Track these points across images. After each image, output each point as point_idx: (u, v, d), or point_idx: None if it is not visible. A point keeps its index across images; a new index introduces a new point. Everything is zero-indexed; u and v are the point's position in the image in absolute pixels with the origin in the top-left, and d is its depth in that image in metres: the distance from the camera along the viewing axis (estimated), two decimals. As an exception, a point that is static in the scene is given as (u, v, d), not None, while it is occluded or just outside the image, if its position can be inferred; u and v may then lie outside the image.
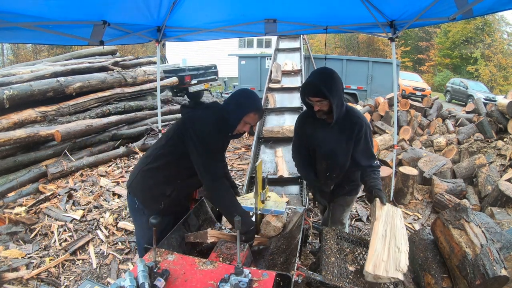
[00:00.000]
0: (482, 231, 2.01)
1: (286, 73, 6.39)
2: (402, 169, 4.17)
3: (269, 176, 3.43)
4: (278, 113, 5.00)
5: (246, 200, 2.14)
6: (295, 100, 5.33)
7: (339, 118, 1.92)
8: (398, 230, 1.65)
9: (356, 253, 1.84)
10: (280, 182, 3.52)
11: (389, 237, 1.59)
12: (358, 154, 2.05)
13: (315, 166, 2.25)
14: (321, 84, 1.83)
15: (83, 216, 3.59)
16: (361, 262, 1.76)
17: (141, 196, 1.84)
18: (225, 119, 1.77)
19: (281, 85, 5.97)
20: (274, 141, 4.25)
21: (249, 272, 1.21)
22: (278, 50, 7.97)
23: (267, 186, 2.17)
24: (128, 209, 2.24)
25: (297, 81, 6.11)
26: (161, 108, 5.47)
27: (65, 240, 3.20)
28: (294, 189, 3.44)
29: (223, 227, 2.18)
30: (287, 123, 4.57)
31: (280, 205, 2.09)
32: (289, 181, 3.53)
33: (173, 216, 1.91)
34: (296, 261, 1.49)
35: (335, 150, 2.06)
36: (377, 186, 2.00)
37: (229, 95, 1.89)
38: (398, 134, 5.63)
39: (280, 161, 3.77)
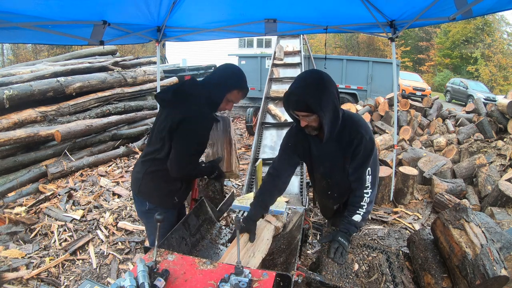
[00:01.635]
0: (482, 231, 2.01)
1: (287, 53, 7.74)
2: (402, 169, 4.17)
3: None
4: (281, 82, 6.49)
5: (246, 200, 2.14)
6: (295, 73, 6.65)
7: (333, 133, 1.56)
8: (262, 241, 1.74)
9: (357, 253, 1.84)
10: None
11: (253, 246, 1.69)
12: (351, 174, 1.70)
13: (314, 184, 1.99)
14: (306, 96, 1.44)
15: (83, 216, 3.59)
16: (361, 262, 1.76)
17: (155, 196, 1.86)
18: (209, 99, 1.74)
19: (283, 61, 7.32)
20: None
21: (249, 272, 1.21)
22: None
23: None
24: (137, 214, 2.21)
25: (297, 59, 7.44)
26: (161, 108, 5.46)
27: (65, 240, 3.20)
28: (294, 189, 3.44)
29: (223, 227, 2.18)
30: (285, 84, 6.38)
31: (280, 205, 2.09)
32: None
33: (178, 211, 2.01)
34: (296, 261, 1.49)
35: (332, 168, 1.75)
36: (338, 233, 1.71)
37: (214, 70, 1.82)
38: (398, 134, 5.64)
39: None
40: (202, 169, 1.91)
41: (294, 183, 3.46)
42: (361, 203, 1.71)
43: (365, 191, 1.70)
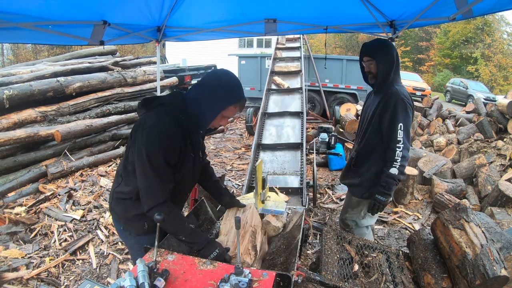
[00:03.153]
0: (482, 231, 2.01)
1: (289, 40, 9.21)
2: (402, 169, 4.17)
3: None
4: (284, 61, 7.97)
5: (246, 200, 2.14)
6: (295, 54, 8.26)
7: (380, 83, 1.99)
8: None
9: (358, 252, 1.84)
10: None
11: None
12: (384, 128, 1.97)
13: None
14: (371, 45, 2.00)
15: (83, 216, 3.59)
16: (360, 262, 1.76)
17: (123, 219, 1.61)
18: (190, 116, 1.43)
19: (285, 45, 8.77)
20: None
21: (249, 272, 1.21)
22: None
23: (267, 185, 2.17)
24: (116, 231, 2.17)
25: (297, 44, 8.71)
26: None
27: (65, 240, 3.20)
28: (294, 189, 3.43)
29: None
30: (289, 64, 7.66)
31: (280, 205, 2.09)
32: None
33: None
34: (296, 261, 1.49)
35: (363, 117, 2.14)
36: (376, 190, 1.99)
37: (200, 79, 1.49)
38: (398, 134, 5.62)
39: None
40: (186, 228, 1.46)
41: (294, 183, 3.46)
42: (395, 157, 1.91)
43: (397, 145, 1.90)
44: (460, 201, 3.77)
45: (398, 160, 1.91)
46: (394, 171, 1.92)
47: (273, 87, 6.37)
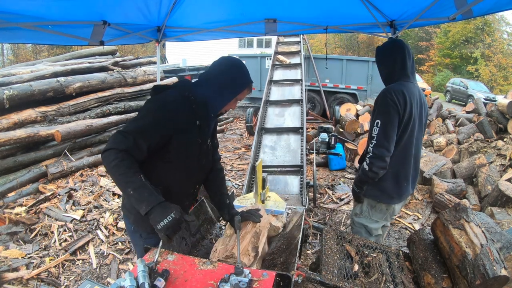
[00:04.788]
0: (482, 231, 2.00)
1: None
2: (402, 169, 4.17)
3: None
4: (285, 43, 9.08)
5: (246, 200, 2.14)
6: (295, 39, 9.18)
7: (384, 84, 1.98)
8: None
9: (358, 252, 1.84)
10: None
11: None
12: None
13: None
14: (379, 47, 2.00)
15: (83, 216, 3.59)
16: (360, 262, 1.76)
17: (133, 215, 1.53)
18: (200, 98, 1.43)
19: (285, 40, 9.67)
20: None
21: (249, 272, 1.21)
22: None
23: (268, 185, 2.17)
24: (126, 231, 2.09)
25: (298, 39, 9.28)
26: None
27: (65, 240, 3.20)
28: (294, 189, 3.44)
29: (223, 227, 2.18)
30: (290, 46, 8.95)
31: (280, 205, 2.09)
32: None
33: None
34: (296, 261, 1.49)
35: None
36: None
37: (209, 67, 1.50)
38: (398, 134, 5.63)
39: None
40: (137, 181, 1.21)
41: (294, 183, 3.46)
42: (367, 153, 1.92)
43: (371, 141, 1.87)
44: (460, 201, 3.77)
45: (368, 156, 1.89)
46: (364, 166, 1.92)
47: (277, 63, 7.37)
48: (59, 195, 3.99)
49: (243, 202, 2.10)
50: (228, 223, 1.75)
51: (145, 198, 1.19)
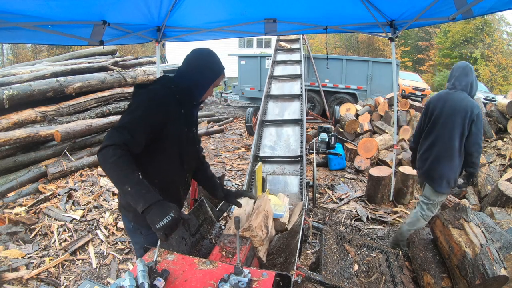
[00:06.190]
0: (482, 231, 2.01)
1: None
2: (402, 169, 4.17)
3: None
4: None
5: (247, 200, 2.14)
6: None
7: None
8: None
9: (358, 252, 1.84)
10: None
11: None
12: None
13: None
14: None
15: (83, 216, 3.59)
16: (360, 262, 1.76)
17: (132, 212, 1.52)
18: (183, 88, 1.51)
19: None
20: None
21: (249, 272, 1.21)
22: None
23: (267, 188, 2.18)
24: (126, 231, 2.11)
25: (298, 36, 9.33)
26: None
27: (65, 240, 3.20)
28: (294, 188, 3.44)
29: (223, 227, 2.18)
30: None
31: (280, 208, 2.10)
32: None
33: None
34: (296, 261, 1.49)
35: None
36: None
37: (184, 60, 1.62)
38: (398, 134, 5.64)
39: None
40: (135, 177, 1.19)
41: (294, 183, 3.46)
42: (474, 155, 2.52)
43: (477, 145, 2.52)
44: (460, 201, 3.77)
45: (476, 157, 2.52)
46: (475, 164, 2.56)
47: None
48: (59, 195, 3.99)
49: (242, 202, 2.10)
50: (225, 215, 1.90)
51: (143, 196, 1.18)
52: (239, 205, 1.81)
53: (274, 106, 4.93)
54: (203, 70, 1.55)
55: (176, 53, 17.10)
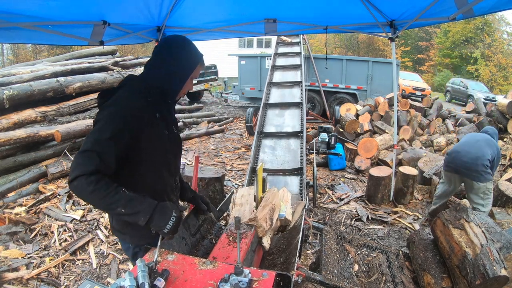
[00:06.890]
0: (482, 231, 2.01)
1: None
2: (402, 169, 4.17)
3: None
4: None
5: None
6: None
7: None
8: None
9: (358, 252, 1.84)
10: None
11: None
12: None
13: None
14: None
15: (83, 216, 3.59)
16: (361, 262, 1.76)
17: (127, 236, 1.44)
18: (153, 88, 1.32)
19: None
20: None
21: (249, 272, 1.21)
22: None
23: (268, 189, 2.18)
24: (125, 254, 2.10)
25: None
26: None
27: (65, 240, 3.20)
28: (294, 188, 3.44)
29: (223, 227, 2.18)
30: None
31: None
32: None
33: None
34: (296, 261, 1.49)
35: None
36: None
37: (153, 53, 1.38)
38: (398, 134, 5.64)
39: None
40: (122, 197, 1.13)
41: (294, 183, 3.46)
42: None
43: None
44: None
45: None
46: None
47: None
48: (59, 195, 3.99)
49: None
50: (194, 208, 1.84)
51: (139, 209, 1.15)
52: (203, 208, 1.74)
53: (273, 114, 4.79)
54: (178, 61, 1.33)
55: (176, 53, 17.14)
